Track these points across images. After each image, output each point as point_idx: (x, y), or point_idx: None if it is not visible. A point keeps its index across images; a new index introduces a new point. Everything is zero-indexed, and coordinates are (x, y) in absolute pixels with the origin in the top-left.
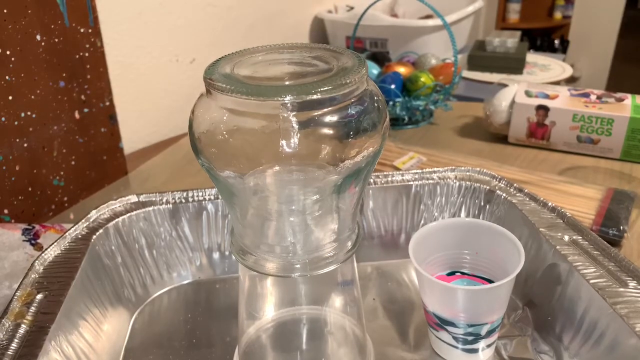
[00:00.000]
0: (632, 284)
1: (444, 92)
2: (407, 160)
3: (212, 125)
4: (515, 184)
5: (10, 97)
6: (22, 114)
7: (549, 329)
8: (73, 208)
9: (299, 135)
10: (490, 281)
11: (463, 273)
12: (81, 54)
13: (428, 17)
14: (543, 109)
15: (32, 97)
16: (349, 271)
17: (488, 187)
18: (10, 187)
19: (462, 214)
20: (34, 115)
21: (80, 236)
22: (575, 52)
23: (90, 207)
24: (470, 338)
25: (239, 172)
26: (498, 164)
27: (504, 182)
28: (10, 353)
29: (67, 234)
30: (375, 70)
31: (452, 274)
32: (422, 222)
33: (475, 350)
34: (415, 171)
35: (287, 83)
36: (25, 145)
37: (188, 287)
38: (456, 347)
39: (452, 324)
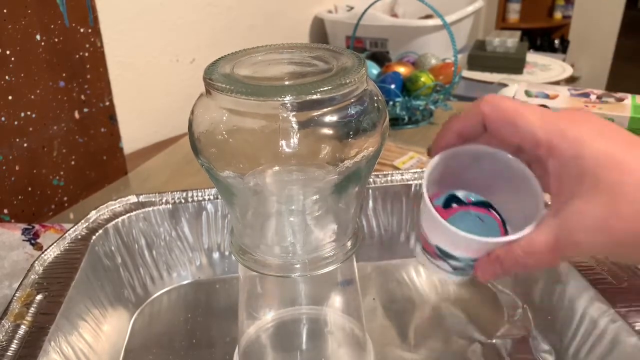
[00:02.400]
0: (632, 283)
1: (444, 92)
2: (407, 160)
3: (212, 125)
4: None
5: (10, 97)
6: (22, 114)
7: (549, 328)
8: (73, 208)
9: (298, 135)
10: (489, 204)
11: (459, 201)
12: (81, 54)
13: (428, 17)
14: None
15: (32, 97)
16: (349, 271)
17: None
18: (10, 187)
19: None
20: (34, 115)
21: (80, 237)
22: (575, 52)
23: (90, 207)
24: (469, 266)
25: (238, 172)
26: None
27: None
28: (10, 354)
29: (66, 234)
30: (375, 70)
31: (448, 199)
32: None
33: (467, 272)
34: (415, 170)
35: (287, 83)
36: (25, 145)
37: (188, 287)
38: (449, 272)
39: (455, 258)
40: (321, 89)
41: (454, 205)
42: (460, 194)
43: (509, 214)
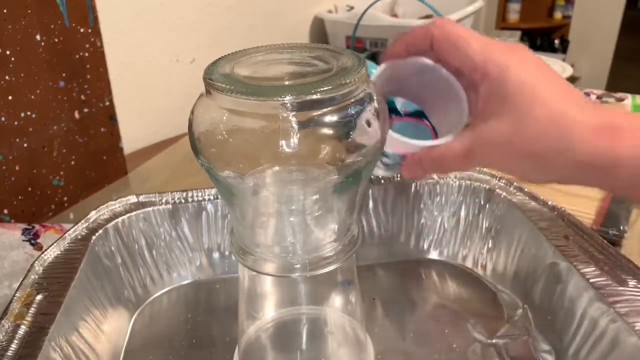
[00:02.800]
0: (631, 283)
1: None
2: None
3: (212, 125)
4: (515, 183)
5: (10, 97)
6: (22, 114)
7: (549, 328)
8: (73, 208)
9: (298, 135)
10: (422, 114)
11: (396, 112)
12: (81, 54)
13: (428, 17)
14: None
15: (32, 97)
16: (349, 271)
17: (488, 186)
18: (10, 187)
19: (462, 213)
20: (34, 115)
21: (79, 237)
22: (575, 52)
23: (90, 207)
24: (396, 163)
25: (238, 172)
26: None
27: (503, 181)
28: (10, 354)
29: (66, 234)
30: (375, 70)
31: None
32: (422, 221)
33: (394, 169)
34: None
35: (286, 83)
36: (25, 145)
37: (188, 287)
38: (378, 166)
39: (386, 155)
40: (321, 89)
41: (393, 115)
42: (399, 103)
43: (439, 123)
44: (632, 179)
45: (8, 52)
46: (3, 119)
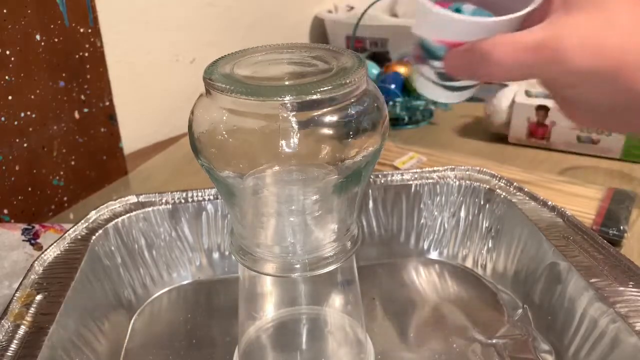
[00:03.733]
0: (632, 283)
1: None
2: (407, 160)
3: (212, 125)
4: (515, 183)
5: (10, 97)
6: (22, 114)
7: (550, 328)
8: (73, 208)
9: (298, 135)
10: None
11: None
12: (81, 54)
13: None
14: (543, 109)
15: (32, 97)
16: (349, 271)
17: (488, 186)
18: (10, 187)
19: (462, 213)
20: (33, 115)
21: (79, 237)
22: None
23: (90, 207)
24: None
25: (238, 172)
26: (498, 163)
27: (503, 181)
28: (10, 354)
29: (66, 234)
30: (375, 70)
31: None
32: (422, 221)
33: (457, 89)
34: (415, 170)
35: (286, 83)
36: (25, 145)
37: (188, 287)
38: (437, 83)
39: (436, 56)
40: (321, 89)
41: None
42: (468, 10)
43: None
44: None
45: (8, 52)
46: (3, 119)
